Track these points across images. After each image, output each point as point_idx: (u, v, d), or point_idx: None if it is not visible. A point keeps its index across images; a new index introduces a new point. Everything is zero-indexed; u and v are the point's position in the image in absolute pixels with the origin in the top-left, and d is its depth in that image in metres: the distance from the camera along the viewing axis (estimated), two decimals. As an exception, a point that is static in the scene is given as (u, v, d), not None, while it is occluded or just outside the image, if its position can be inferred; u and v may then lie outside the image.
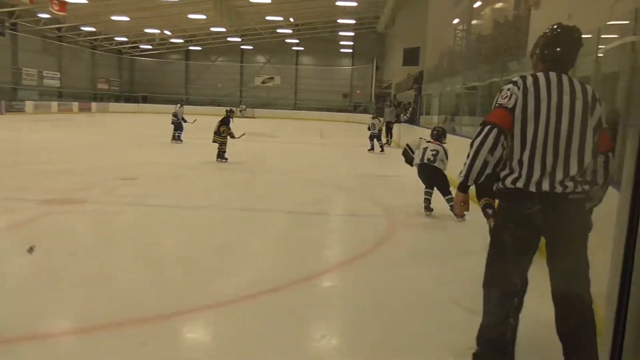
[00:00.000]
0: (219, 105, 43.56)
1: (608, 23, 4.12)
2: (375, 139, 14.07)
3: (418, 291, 3.57)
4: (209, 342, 2.88)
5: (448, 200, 5.78)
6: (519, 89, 2.14)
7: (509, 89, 2.17)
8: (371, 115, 16.30)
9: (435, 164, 5.85)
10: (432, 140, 6.08)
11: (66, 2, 25.41)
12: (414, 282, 3.78)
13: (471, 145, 2.18)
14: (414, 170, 6.19)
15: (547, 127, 2.07)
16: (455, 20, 15.91)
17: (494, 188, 2.25)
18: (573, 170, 2.06)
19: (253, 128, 21.99)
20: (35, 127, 19.95)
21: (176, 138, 14.11)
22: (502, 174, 2.19)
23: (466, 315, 3.16)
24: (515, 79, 2.18)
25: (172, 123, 14.16)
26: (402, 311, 3.22)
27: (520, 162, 2.12)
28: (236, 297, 3.36)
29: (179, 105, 14.53)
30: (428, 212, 5.93)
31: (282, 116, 38.33)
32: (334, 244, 5.08)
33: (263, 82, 47.14)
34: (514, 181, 2.13)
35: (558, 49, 2.18)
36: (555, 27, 2.24)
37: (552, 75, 2.14)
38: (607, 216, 2.69)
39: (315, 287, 3.71)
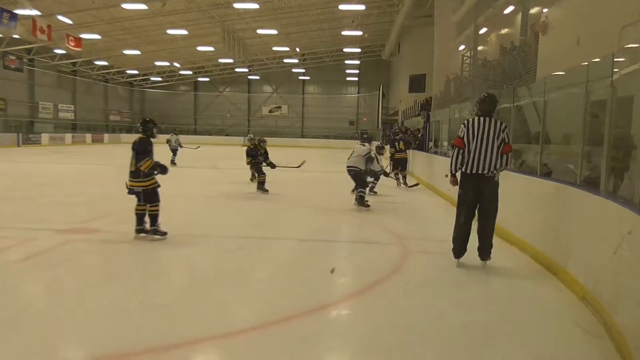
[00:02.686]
0: (227, 135, 44.08)
1: (626, 47, 4.14)
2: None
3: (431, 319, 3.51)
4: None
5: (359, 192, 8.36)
6: (465, 127, 4.66)
7: (461, 128, 4.70)
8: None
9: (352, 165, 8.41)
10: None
11: (81, 39, 26.35)
12: (428, 309, 3.72)
13: (451, 157, 4.78)
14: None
15: (479, 144, 4.57)
16: (461, 47, 16.12)
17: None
18: (489, 164, 4.55)
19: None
20: (51, 159, 20.24)
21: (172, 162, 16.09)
22: (462, 165, 4.69)
23: (480, 341, 3.10)
24: (465, 121, 4.66)
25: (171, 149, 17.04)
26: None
27: (467, 161, 4.65)
28: (246, 326, 3.33)
29: (172, 134, 17.47)
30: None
31: (289, 144, 38.60)
32: (346, 271, 5.02)
33: (270, 112, 47.73)
34: (464, 169, 4.68)
35: (485, 106, 4.66)
36: (485, 94, 4.71)
37: (482, 118, 4.62)
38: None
39: (327, 316, 3.66)
